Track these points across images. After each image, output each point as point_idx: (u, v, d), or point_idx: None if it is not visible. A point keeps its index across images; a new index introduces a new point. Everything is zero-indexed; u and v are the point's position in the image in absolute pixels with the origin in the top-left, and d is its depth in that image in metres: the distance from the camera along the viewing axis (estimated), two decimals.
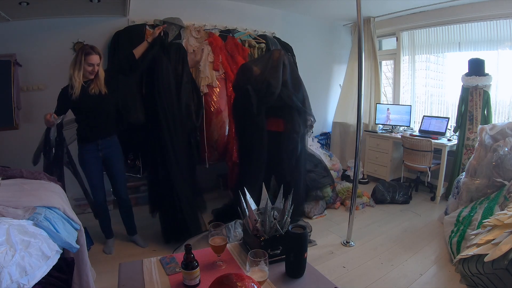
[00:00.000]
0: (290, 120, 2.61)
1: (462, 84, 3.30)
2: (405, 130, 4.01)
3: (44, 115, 1.99)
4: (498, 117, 3.40)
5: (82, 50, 2.10)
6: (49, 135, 2.09)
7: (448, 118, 3.67)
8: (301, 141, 2.74)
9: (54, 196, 1.72)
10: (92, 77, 2.16)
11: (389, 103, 4.51)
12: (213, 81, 3.04)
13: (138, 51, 2.36)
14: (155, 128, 2.42)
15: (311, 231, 2.73)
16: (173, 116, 2.44)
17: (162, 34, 2.46)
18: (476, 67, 3.17)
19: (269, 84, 2.51)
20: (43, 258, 1.26)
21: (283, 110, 2.59)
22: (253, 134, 2.58)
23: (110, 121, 2.30)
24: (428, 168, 3.45)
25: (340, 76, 4.60)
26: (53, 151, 2.12)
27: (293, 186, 2.36)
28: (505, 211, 1.78)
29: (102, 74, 2.18)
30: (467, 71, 3.24)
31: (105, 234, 2.45)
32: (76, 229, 1.64)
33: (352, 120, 4.30)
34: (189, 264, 1.04)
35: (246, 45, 3.41)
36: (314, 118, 2.79)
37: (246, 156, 2.68)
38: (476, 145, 2.70)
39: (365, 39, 4.02)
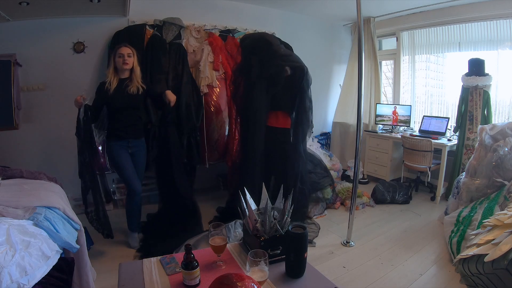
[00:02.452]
0: (301, 112, 2.62)
1: (462, 84, 3.30)
2: (405, 130, 4.01)
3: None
4: (498, 117, 3.40)
5: (115, 47, 2.22)
6: (78, 116, 2.17)
7: (448, 118, 3.67)
8: (302, 141, 2.74)
9: (54, 196, 1.72)
10: (126, 67, 2.19)
11: (389, 103, 4.50)
12: (213, 81, 3.04)
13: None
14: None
15: (319, 229, 2.76)
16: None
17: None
18: (476, 67, 3.17)
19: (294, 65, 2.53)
20: (43, 258, 1.27)
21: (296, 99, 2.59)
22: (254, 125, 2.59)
23: (141, 122, 2.40)
24: (428, 168, 3.45)
25: (340, 76, 4.60)
26: (82, 133, 2.20)
27: (294, 186, 2.36)
28: (505, 211, 1.78)
29: (138, 70, 2.25)
30: (467, 71, 3.24)
31: (134, 227, 2.46)
32: (76, 229, 1.64)
33: (352, 120, 4.29)
34: (189, 264, 1.04)
35: None
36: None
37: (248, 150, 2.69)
38: (476, 145, 2.70)
39: (365, 39, 4.02)
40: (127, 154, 2.34)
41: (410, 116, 4.02)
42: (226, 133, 3.11)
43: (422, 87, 4.26)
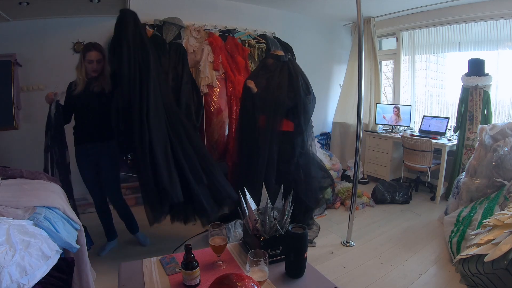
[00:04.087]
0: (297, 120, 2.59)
1: (462, 84, 3.30)
2: (405, 130, 4.01)
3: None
4: (498, 117, 3.40)
5: (84, 48, 2.12)
6: (49, 112, 2.12)
7: (448, 118, 3.67)
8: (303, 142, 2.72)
9: (54, 196, 1.72)
10: (95, 74, 2.11)
11: (389, 103, 4.50)
12: (213, 81, 3.04)
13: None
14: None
15: (319, 229, 2.75)
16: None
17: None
18: (476, 67, 3.17)
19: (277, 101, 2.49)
20: (43, 258, 1.26)
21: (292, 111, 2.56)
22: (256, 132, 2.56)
23: (105, 124, 2.11)
24: (428, 168, 3.45)
25: (340, 76, 4.60)
26: (52, 130, 2.13)
27: (296, 189, 2.34)
28: (505, 211, 1.78)
29: (108, 71, 2.13)
30: (467, 71, 3.24)
31: (106, 235, 2.43)
32: (76, 229, 1.64)
33: (352, 120, 4.30)
34: (189, 264, 1.04)
35: (246, 45, 3.41)
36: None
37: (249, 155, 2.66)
38: (476, 145, 2.70)
39: (365, 39, 4.02)
40: (89, 164, 2.20)
41: (410, 116, 4.02)
42: (226, 133, 3.11)
43: (422, 87, 4.26)
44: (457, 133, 3.41)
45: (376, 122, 4.23)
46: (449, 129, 3.64)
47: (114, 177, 2.31)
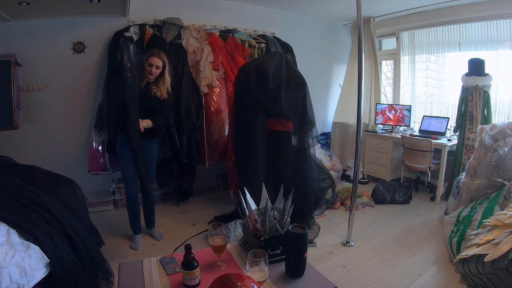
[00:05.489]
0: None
1: (462, 84, 3.30)
2: (405, 130, 4.01)
3: None
4: (498, 117, 3.40)
5: (149, 52, 2.30)
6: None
7: (448, 118, 3.67)
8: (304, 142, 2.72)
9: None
10: (151, 78, 2.26)
11: (389, 103, 4.50)
12: (213, 81, 3.04)
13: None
14: None
15: (319, 229, 2.75)
16: None
17: None
18: (476, 67, 3.17)
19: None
20: (43, 259, 1.26)
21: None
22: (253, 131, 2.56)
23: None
24: (428, 168, 3.45)
25: (340, 76, 4.60)
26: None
27: (296, 188, 2.33)
28: (505, 211, 1.78)
29: (168, 79, 2.33)
30: (467, 71, 3.24)
31: (133, 229, 2.48)
32: None
33: (352, 120, 4.30)
34: (189, 264, 1.04)
35: (246, 45, 3.41)
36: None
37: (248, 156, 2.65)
38: (476, 145, 2.70)
39: (365, 39, 4.02)
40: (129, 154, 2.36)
41: (410, 116, 4.03)
42: (226, 133, 3.11)
43: (422, 87, 4.26)
44: (457, 133, 3.41)
45: (376, 122, 4.24)
46: (449, 129, 3.64)
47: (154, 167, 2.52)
